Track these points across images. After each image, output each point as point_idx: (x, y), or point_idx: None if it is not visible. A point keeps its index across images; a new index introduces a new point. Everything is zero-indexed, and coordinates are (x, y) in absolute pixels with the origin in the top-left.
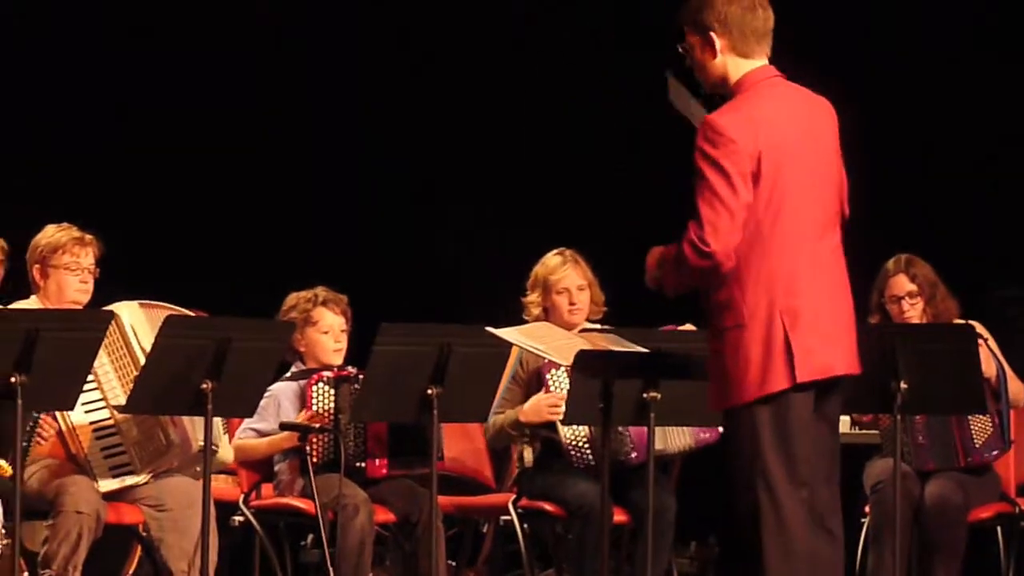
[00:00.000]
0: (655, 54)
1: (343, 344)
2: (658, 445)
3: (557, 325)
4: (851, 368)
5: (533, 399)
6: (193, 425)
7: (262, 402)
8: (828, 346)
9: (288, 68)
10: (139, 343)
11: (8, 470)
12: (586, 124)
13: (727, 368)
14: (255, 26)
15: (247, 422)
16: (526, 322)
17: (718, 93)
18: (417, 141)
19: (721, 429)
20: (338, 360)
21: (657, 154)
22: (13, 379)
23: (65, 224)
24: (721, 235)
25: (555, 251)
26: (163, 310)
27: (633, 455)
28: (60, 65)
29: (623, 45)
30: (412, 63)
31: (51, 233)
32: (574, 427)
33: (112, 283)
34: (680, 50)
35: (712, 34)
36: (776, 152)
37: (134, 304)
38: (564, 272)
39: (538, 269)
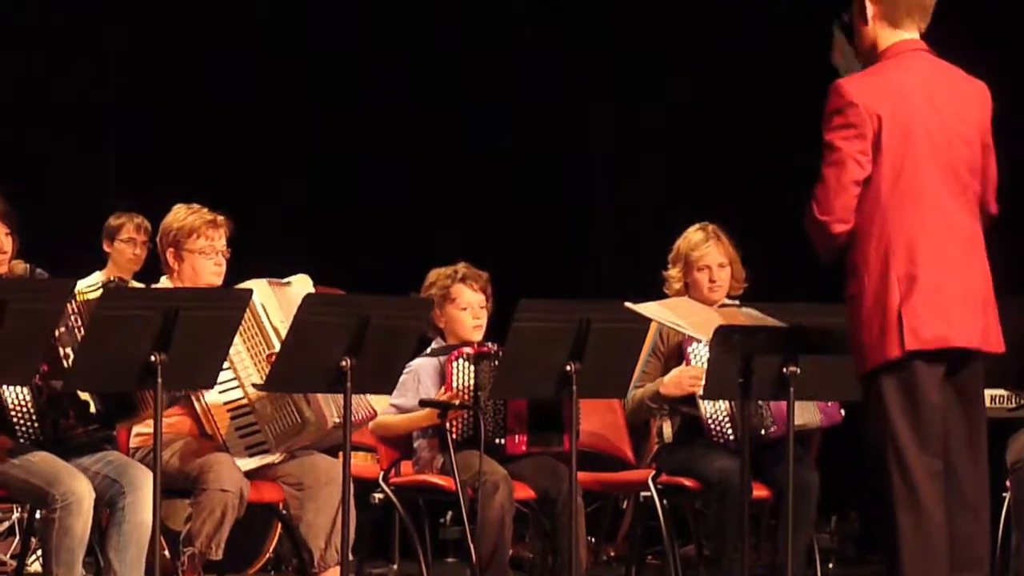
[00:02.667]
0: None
1: (483, 321)
2: (797, 420)
3: (697, 300)
4: (978, 343)
5: (674, 371)
6: (328, 402)
7: (402, 378)
8: (946, 317)
9: (409, 56)
10: (270, 322)
11: None
12: (729, 96)
13: (853, 335)
14: (383, 23)
15: (389, 399)
16: (666, 296)
17: (868, 62)
18: (555, 120)
19: (842, 411)
20: (478, 336)
21: (801, 127)
22: (153, 358)
23: (195, 205)
24: (835, 199)
25: (698, 226)
26: (291, 287)
27: (772, 428)
28: (187, 53)
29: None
30: (540, 45)
31: (183, 216)
32: (714, 402)
33: (246, 261)
34: (846, 17)
35: (866, 1)
36: (900, 119)
37: (263, 282)
38: (706, 249)
39: (680, 243)
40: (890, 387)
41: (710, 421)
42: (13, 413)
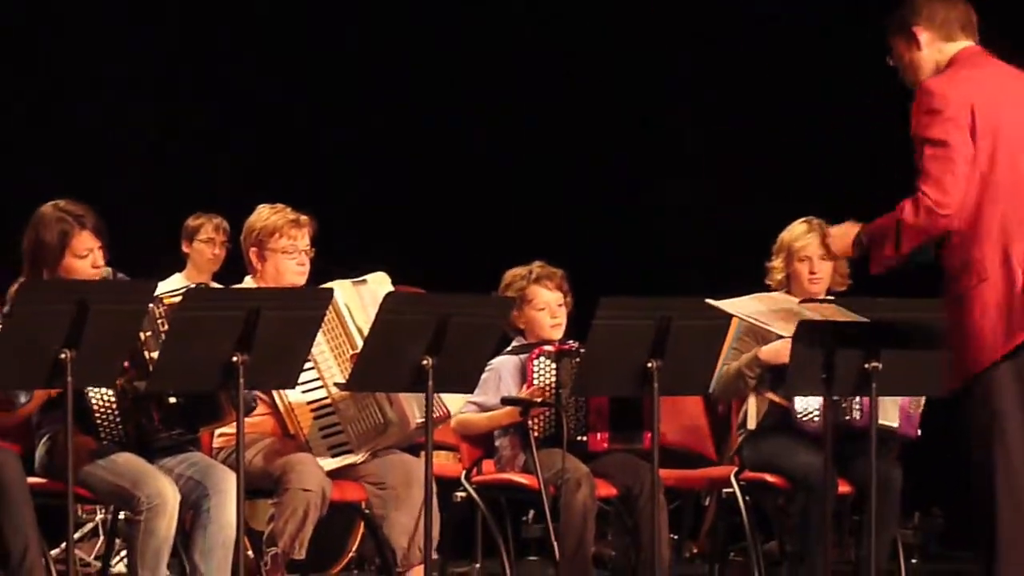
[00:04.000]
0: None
1: (561, 319)
2: (879, 419)
3: (797, 293)
4: None
5: (777, 341)
6: (411, 403)
7: (483, 376)
8: None
9: (506, 44)
10: (353, 322)
11: None
12: (826, 92)
13: (976, 328)
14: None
15: (468, 396)
16: (768, 288)
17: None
18: (635, 111)
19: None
20: (557, 335)
21: (895, 126)
22: (235, 358)
23: (279, 205)
24: (951, 193)
25: (802, 219)
26: (370, 286)
27: (858, 415)
28: (271, 51)
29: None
30: (625, 32)
31: (266, 216)
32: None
33: (328, 260)
34: (891, 64)
35: (914, 29)
36: (989, 108)
37: (347, 283)
38: (808, 240)
39: (783, 235)
40: (1008, 376)
41: (798, 403)
42: (97, 415)
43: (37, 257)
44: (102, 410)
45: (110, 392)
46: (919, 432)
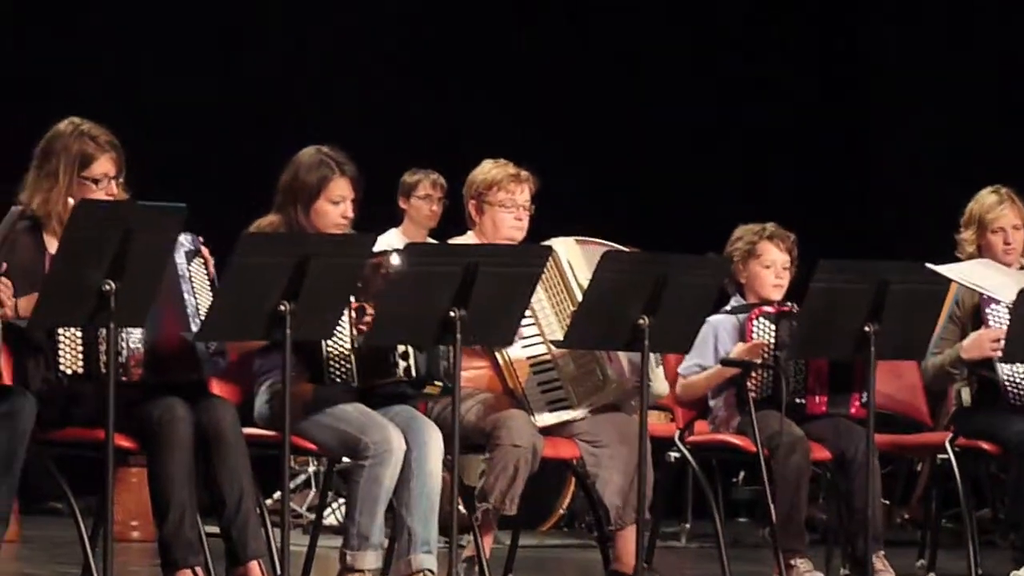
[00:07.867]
0: None
1: (784, 281)
2: None
3: None
4: None
5: (974, 335)
6: (629, 361)
7: (701, 333)
8: None
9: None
10: (576, 279)
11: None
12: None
13: None
14: None
15: (689, 358)
16: (958, 260)
17: None
18: (863, 82)
19: None
20: (777, 296)
21: None
22: (452, 313)
23: (502, 160)
24: None
25: (991, 188)
26: (598, 246)
27: None
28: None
29: None
30: None
31: (487, 169)
32: (1013, 364)
33: (549, 219)
34: None
35: None
36: None
37: (570, 240)
38: (1001, 211)
39: (973, 206)
40: None
41: (1007, 383)
42: (331, 362)
43: (291, 195)
44: (335, 357)
45: (346, 338)
46: None
